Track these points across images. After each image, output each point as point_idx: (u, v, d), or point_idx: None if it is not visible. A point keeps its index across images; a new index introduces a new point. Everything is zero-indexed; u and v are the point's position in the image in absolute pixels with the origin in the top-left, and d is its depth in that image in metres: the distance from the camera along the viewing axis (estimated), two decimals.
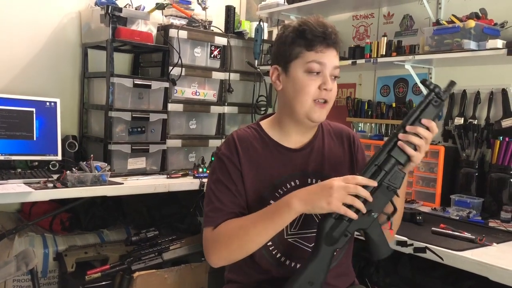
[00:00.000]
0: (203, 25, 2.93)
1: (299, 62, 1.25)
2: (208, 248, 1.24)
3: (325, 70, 1.24)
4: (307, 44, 1.23)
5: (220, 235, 1.22)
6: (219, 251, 1.22)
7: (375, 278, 1.92)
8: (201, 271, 2.49)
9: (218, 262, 1.25)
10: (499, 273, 1.33)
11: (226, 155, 1.29)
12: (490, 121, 2.18)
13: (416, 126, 1.15)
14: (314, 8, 2.84)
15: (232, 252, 1.22)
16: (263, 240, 1.19)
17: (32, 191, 2.02)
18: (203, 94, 2.95)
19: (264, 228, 1.17)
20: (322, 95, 1.25)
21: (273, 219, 1.16)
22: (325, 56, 1.23)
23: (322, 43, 1.23)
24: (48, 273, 2.42)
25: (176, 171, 2.69)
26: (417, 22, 2.53)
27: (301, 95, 1.25)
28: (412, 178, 2.27)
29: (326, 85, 1.23)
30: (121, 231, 2.73)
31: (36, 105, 2.47)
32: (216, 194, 1.27)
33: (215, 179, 1.29)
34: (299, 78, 1.25)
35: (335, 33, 1.25)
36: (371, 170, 1.16)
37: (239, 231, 1.20)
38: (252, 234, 1.19)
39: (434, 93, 1.16)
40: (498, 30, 2.08)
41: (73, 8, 2.84)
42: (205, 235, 1.26)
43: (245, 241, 1.19)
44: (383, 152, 1.17)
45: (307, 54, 1.24)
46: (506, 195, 1.97)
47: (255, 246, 1.20)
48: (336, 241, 1.16)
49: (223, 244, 1.21)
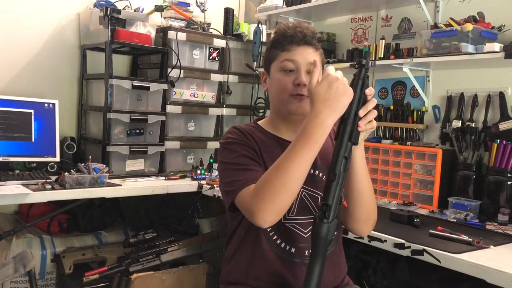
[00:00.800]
0: (202, 27, 2.94)
1: (275, 63, 1.37)
2: (253, 204, 1.16)
3: (298, 66, 1.32)
4: (280, 46, 1.35)
5: (259, 186, 1.17)
6: (263, 202, 1.14)
7: (372, 280, 1.93)
8: (199, 273, 2.49)
9: (266, 217, 1.14)
10: (496, 276, 1.34)
11: (237, 139, 1.33)
12: (488, 124, 2.19)
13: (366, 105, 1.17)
14: (312, 11, 2.86)
15: (277, 197, 1.13)
16: (303, 173, 1.14)
17: (30, 192, 2.02)
18: (201, 96, 2.95)
19: (302, 158, 1.13)
20: (298, 90, 1.31)
21: (310, 145, 1.13)
22: (296, 53, 1.33)
23: (292, 42, 1.33)
24: (46, 275, 2.42)
25: (175, 173, 2.69)
26: (415, 25, 2.55)
27: (279, 92, 1.35)
28: (410, 180, 2.28)
29: (299, 79, 1.31)
30: (119, 233, 2.72)
31: (35, 107, 2.47)
32: (238, 161, 1.27)
33: (231, 152, 1.30)
34: (276, 77, 1.36)
35: (307, 32, 1.34)
36: (343, 164, 1.13)
37: (277, 173, 1.14)
38: (292, 169, 1.13)
39: (364, 69, 1.19)
40: (496, 34, 2.09)
41: (72, 10, 2.84)
42: (244, 195, 1.20)
43: (287, 179, 1.13)
44: (344, 142, 1.14)
45: (280, 54, 1.35)
46: (503, 197, 1.98)
47: (298, 182, 1.15)
48: (330, 242, 1.18)
49: (266, 192, 1.14)
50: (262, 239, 1.32)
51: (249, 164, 1.27)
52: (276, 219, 1.17)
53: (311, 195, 1.35)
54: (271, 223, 1.17)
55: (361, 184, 1.27)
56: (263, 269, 1.33)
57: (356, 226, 1.34)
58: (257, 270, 1.34)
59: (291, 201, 1.17)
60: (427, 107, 2.46)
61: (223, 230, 2.75)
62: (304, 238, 1.32)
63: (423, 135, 2.47)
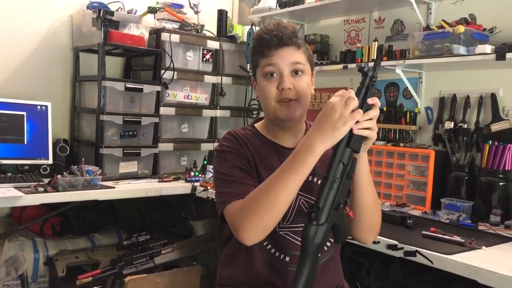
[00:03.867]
0: (196, 28, 2.94)
1: (259, 70, 1.34)
2: (237, 221, 1.17)
3: (280, 69, 1.29)
4: (259, 52, 1.32)
5: (246, 204, 1.17)
6: (248, 221, 1.14)
7: (366, 281, 1.93)
8: (192, 275, 2.49)
9: (250, 235, 1.15)
10: (487, 276, 1.34)
11: (231, 147, 1.31)
12: (480, 125, 2.20)
13: (367, 112, 1.13)
14: (306, 13, 2.87)
15: (262, 217, 1.13)
16: (289, 195, 1.14)
17: (22, 195, 2.01)
18: (195, 97, 2.95)
19: (289, 180, 1.12)
20: (283, 95, 1.29)
21: (297, 169, 1.12)
22: (276, 56, 1.29)
23: (270, 46, 1.29)
24: (39, 278, 2.41)
25: (168, 175, 2.68)
26: (407, 27, 2.56)
27: (265, 99, 1.32)
28: (403, 182, 2.29)
29: (282, 84, 1.28)
30: (112, 235, 2.72)
31: (27, 109, 2.46)
32: (229, 173, 1.26)
33: (225, 162, 1.29)
34: (261, 83, 1.33)
35: (284, 32, 1.29)
36: (339, 169, 1.13)
37: (263, 193, 1.14)
38: (278, 190, 1.12)
39: (369, 77, 1.16)
40: (487, 36, 2.11)
41: (65, 11, 2.83)
42: (229, 212, 1.21)
43: (273, 200, 1.12)
44: (341, 147, 1.13)
45: (261, 60, 1.32)
46: (495, 198, 1.99)
47: (283, 204, 1.14)
48: (322, 246, 1.16)
49: (251, 211, 1.14)
50: (255, 248, 1.30)
51: (240, 177, 1.26)
52: (260, 238, 1.18)
53: (308, 202, 1.33)
54: (254, 242, 1.18)
55: (363, 194, 1.24)
56: (256, 277, 1.32)
57: (360, 235, 1.32)
58: (251, 278, 1.33)
59: (276, 221, 1.17)
60: (420, 108, 2.47)
61: (217, 232, 2.75)
62: (298, 247, 1.25)
63: (416, 136, 2.48)
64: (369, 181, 1.26)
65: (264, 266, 1.31)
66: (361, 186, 1.23)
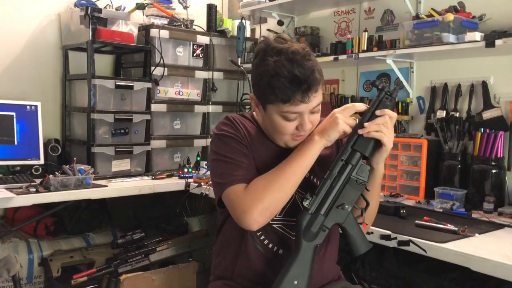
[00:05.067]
0: (185, 24, 2.92)
1: (274, 107, 1.23)
2: (246, 205, 1.18)
3: (302, 114, 1.23)
4: (280, 98, 1.19)
5: (256, 186, 1.21)
6: (259, 202, 1.18)
7: (361, 272, 1.93)
8: (188, 272, 2.48)
9: (258, 218, 1.18)
10: (480, 263, 1.35)
11: (231, 132, 1.30)
12: (472, 113, 2.20)
13: (374, 120, 1.23)
14: (295, 5, 2.84)
15: (274, 198, 1.19)
16: (298, 179, 1.23)
17: (14, 196, 1.99)
18: (186, 93, 2.93)
19: (298, 165, 1.23)
20: (301, 133, 1.27)
21: (303, 156, 1.24)
22: (302, 107, 1.20)
23: (296, 96, 1.18)
24: (34, 279, 2.40)
25: (161, 172, 2.67)
26: (397, 16, 2.55)
27: (278, 133, 1.28)
28: (396, 172, 2.28)
29: (303, 127, 1.24)
30: (107, 234, 2.71)
31: (16, 109, 2.44)
32: (232, 156, 1.26)
33: (226, 145, 1.28)
34: (275, 121, 1.25)
35: (312, 80, 1.18)
36: (338, 165, 1.23)
37: (276, 177, 1.22)
38: (288, 174, 1.22)
39: (384, 91, 1.25)
40: (477, 23, 2.10)
41: (52, 10, 2.80)
42: (236, 194, 1.21)
43: (284, 184, 1.21)
44: (347, 147, 1.24)
45: (281, 105, 1.21)
46: (488, 186, 1.99)
47: (292, 188, 1.23)
48: (315, 237, 1.19)
49: (261, 195, 1.19)
50: (248, 237, 1.30)
51: (242, 161, 1.26)
52: (265, 221, 1.21)
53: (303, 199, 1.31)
54: (261, 225, 1.20)
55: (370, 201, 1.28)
56: (248, 267, 1.32)
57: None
58: (243, 268, 1.33)
59: (283, 204, 1.24)
60: (412, 98, 2.46)
61: (212, 228, 2.74)
62: (292, 241, 1.29)
63: (409, 126, 2.47)
64: (378, 192, 1.35)
65: (257, 257, 1.31)
66: (370, 194, 1.28)
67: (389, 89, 1.24)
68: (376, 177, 1.29)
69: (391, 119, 1.24)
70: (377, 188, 1.32)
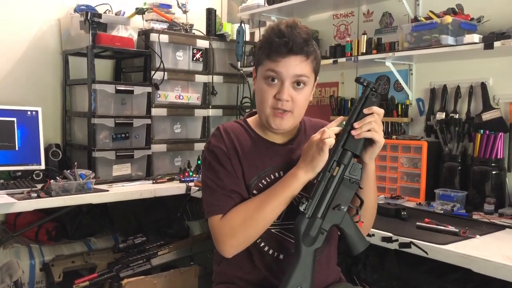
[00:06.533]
0: (184, 28, 2.93)
1: (261, 68, 1.30)
2: (221, 237, 1.24)
3: (282, 78, 1.26)
4: (266, 53, 1.26)
5: (233, 221, 1.24)
6: (234, 237, 1.23)
7: (362, 275, 1.93)
8: (190, 276, 2.48)
9: (232, 250, 1.25)
10: (481, 265, 1.35)
11: (216, 146, 1.32)
12: (471, 115, 2.20)
13: (363, 119, 1.22)
14: (294, 9, 2.85)
15: (248, 235, 1.23)
16: (275, 215, 1.25)
17: (15, 201, 2.00)
18: (186, 97, 2.94)
19: (277, 202, 1.23)
20: (279, 105, 1.27)
21: (283, 192, 1.23)
22: (281, 65, 1.24)
23: (278, 52, 1.24)
24: (35, 284, 2.40)
25: (162, 176, 2.68)
26: (396, 19, 2.56)
27: (261, 102, 1.30)
28: (396, 174, 2.29)
29: (280, 94, 1.26)
30: (108, 239, 2.71)
31: (17, 115, 2.44)
32: (216, 183, 1.28)
33: (212, 170, 1.31)
34: (260, 84, 1.30)
35: (296, 40, 1.23)
36: (331, 166, 1.22)
37: (253, 212, 1.23)
38: (267, 211, 1.23)
39: (369, 88, 1.23)
40: (475, 25, 2.11)
41: (52, 15, 2.81)
42: (214, 224, 1.26)
43: (261, 220, 1.23)
44: (338, 147, 1.22)
45: (266, 62, 1.27)
46: (488, 187, 2.00)
47: (268, 223, 1.25)
48: (314, 241, 1.19)
49: (238, 229, 1.23)
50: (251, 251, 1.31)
51: (225, 186, 1.28)
52: (238, 251, 1.26)
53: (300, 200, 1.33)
54: (233, 254, 1.26)
55: (365, 201, 1.27)
56: (251, 272, 1.32)
57: None
58: (245, 275, 1.33)
59: (256, 237, 1.26)
60: (411, 100, 2.47)
61: None
62: (292, 244, 1.28)
63: (408, 128, 2.48)
64: (374, 188, 1.32)
65: (258, 263, 1.31)
66: (364, 192, 1.27)
67: (374, 85, 1.23)
68: (368, 174, 1.27)
69: (379, 116, 1.23)
70: (371, 185, 1.30)
